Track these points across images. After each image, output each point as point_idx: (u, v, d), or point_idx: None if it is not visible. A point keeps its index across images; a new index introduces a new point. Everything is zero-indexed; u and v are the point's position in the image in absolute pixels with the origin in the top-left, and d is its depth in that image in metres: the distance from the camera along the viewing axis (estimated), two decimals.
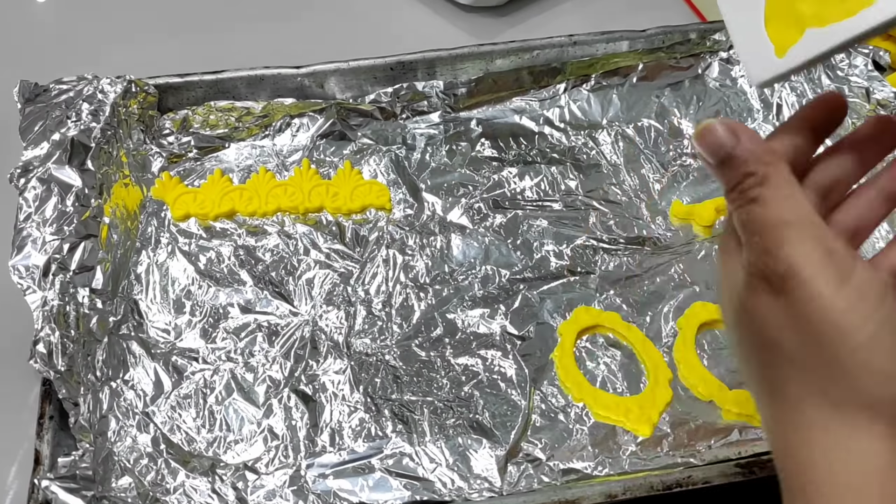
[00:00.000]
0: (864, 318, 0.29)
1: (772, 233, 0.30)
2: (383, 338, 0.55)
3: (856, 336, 0.29)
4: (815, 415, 0.30)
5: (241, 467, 0.50)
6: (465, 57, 0.67)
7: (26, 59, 0.76)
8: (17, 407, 0.55)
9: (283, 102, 0.66)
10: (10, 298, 0.55)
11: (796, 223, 0.30)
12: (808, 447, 0.31)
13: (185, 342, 0.56)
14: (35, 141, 0.59)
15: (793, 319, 0.30)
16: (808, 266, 0.29)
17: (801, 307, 0.30)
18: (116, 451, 0.50)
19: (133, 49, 0.76)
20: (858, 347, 0.29)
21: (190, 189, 0.64)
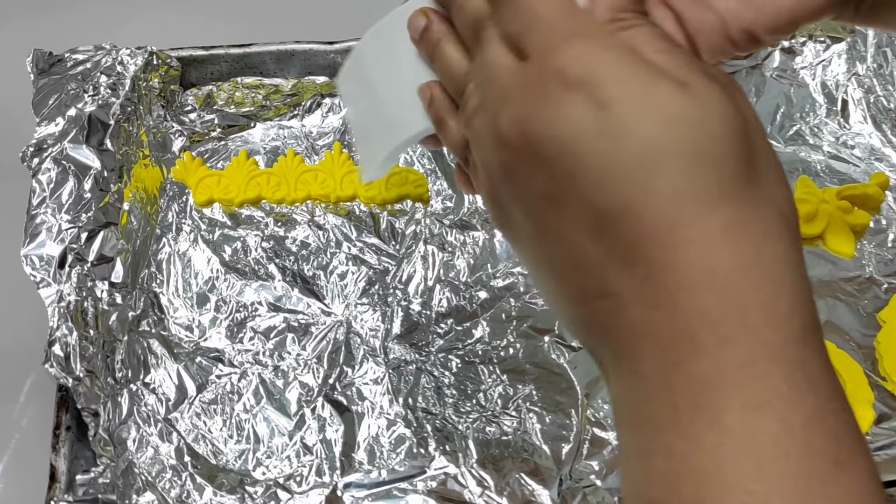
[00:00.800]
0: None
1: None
2: (423, 343, 0.51)
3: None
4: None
5: (272, 485, 0.46)
6: None
7: (39, 25, 0.71)
8: (29, 414, 0.51)
9: (315, 81, 0.62)
10: (22, 293, 0.51)
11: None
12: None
13: (209, 342, 0.52)
14: (49, 116, 0.55)
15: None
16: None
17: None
18: (137, 462, 0.47)
19: (154, 17, 0.71)
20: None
21: (213, 172, 0.60)
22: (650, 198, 0.25)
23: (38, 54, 0.57)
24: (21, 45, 0.60)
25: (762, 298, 0.24)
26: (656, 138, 0.25)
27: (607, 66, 0.26)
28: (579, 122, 0.26)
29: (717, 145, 0.25)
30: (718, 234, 0.25)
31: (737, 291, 0.24)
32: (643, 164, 0.25)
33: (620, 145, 0.25)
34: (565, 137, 0.26)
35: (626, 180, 0.25)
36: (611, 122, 0.25)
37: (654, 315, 0.25)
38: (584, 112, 0.26)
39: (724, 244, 0.25)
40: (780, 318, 0.24)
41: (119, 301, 0.52)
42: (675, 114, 0.25)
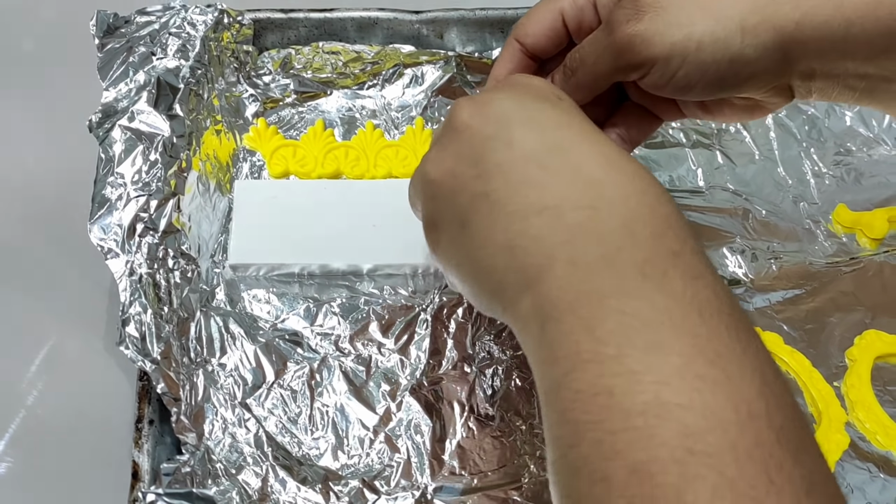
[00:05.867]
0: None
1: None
2: (514, 340, 0.49)
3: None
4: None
5: (358, 484, 0.44)
6: None
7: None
8: (103, 401, 0.49)
9: (400, 49, 0.58)
10: (90, 258, 0.49)
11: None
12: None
13: (287, 323, 0.49)
14: (116, 81, 0.52)
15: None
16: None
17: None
18: (215, 449, 0.44)
19: None
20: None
21: (289, 142, 0.56)
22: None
23: (101, 16, 0.54)
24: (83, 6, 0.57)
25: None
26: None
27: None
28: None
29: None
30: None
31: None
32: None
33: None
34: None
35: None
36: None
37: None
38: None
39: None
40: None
41: (189, 274, 0.49)
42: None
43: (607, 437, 0.26)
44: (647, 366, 0.26)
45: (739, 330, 0.28)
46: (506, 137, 0.33)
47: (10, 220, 0.55)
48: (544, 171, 0.32)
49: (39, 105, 0.61)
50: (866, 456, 0.45)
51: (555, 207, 0.31)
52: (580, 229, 0.30)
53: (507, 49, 0.42)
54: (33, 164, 0.58)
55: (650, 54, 0.36)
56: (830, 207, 0.54)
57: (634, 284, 0.28)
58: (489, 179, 0.33)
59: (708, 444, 0.25)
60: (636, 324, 0.27)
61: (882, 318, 0.50)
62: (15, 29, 0.64)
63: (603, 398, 0.26)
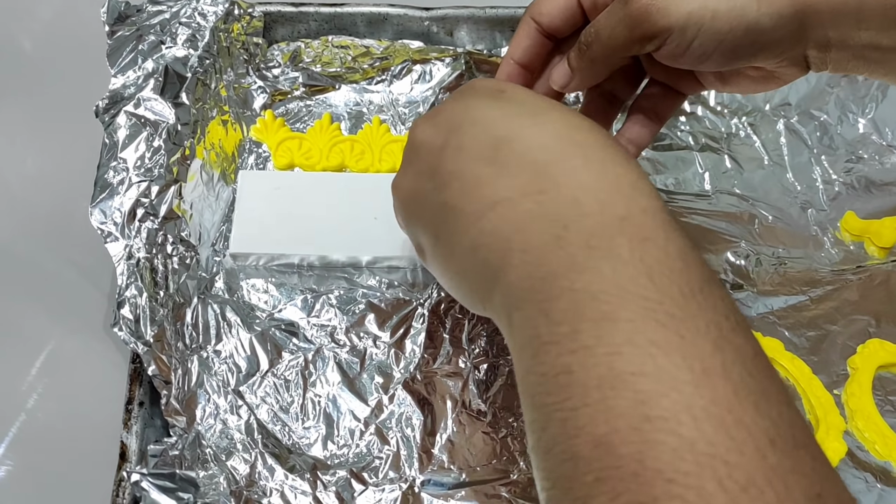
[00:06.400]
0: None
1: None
2: None
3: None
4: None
5: (346, 474, 0.43)
6: None
7: None
8: (103, 404, 0.48)
9: (409, 45, 0.58)
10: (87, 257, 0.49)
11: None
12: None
13: (284, 313, 0.49)
14: (124, 68, 0.52)
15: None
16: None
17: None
18: (206, 434, 0.44)
19: None
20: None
21: (295, 134, 0.57)
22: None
23: (112, 4, 0.54)
24: (82, 5, 0.58)
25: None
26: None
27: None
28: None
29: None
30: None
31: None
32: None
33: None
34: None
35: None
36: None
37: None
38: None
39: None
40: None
41: (188, 261, 0.49)
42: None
43: (570, 416, 0.26)
44: (599, 338, 0.26)
45: (693, 286, 0.27)
46: (455, 144, 0.33)
47: (9, 222, 0.56)
48: (493, 167, 0.32)
49: (37, 105, 0.61)
50: (864, 465, 0.44)
51: (506, 200, 0.31)
52: (530, 215, 0.30)
53: (523, 27, 0.42)
54: (31, 165, 0.58)
55: (666, 24, 0.35)
56: (839, 215, 0.54)
57: (582, 258, 0.28)
58: (446, 188, 0.33)
59: (664, 409, 0.24)
60: (585, 298, 0.27)
61: (886, 327, 0.49)
62: (13, 29, 0.65)
63: (563, 377, 0.26)
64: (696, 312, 0.27)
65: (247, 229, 0.51)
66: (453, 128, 0.34)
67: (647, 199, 0.30)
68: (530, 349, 0.28)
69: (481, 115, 0.34)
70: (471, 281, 0.33)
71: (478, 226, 0.32)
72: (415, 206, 0.36)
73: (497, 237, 0.31)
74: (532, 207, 0.30)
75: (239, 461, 0.44)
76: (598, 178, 0.30)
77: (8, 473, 0.47)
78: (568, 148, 0.31)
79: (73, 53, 0.59)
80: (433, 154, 0.34)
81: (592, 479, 0.24)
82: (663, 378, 0.25)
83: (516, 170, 0.31)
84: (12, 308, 0.52)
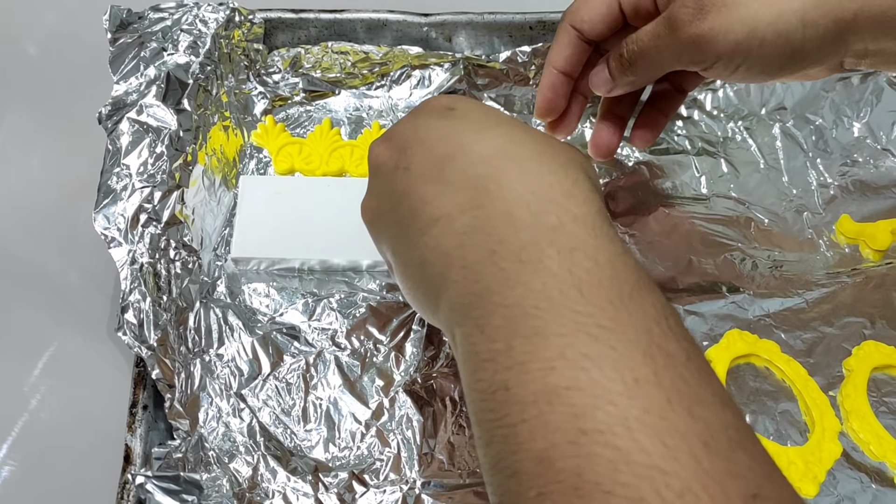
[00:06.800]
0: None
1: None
2: None
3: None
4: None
5: (348, 476, 0.44)
6: None
7: None
8: (106, 405, 0.49)
9: (408, 51, 0.59)
10: (91, 261, 0.50)
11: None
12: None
13: (285, 317, 0.50)
14: (126, 75, 0.53)
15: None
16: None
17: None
18: (208, 437, 0.45)
19: None
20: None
21: (295, 139, 0.57)
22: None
23: (114, 11, 0.55)
24: (91, 3, 0.58)
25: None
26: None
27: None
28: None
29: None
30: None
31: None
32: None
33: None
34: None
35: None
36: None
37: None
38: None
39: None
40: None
41: (192, 266, 0.50)
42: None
43: (510, 432, 0.26)
44: (532, 354, 0.26)
45: (623, 295, 0.27)
46: (404, 164, 0.34)
47: (14, 225, 0.56)
48: (438, 185, 0.32)
49: (42, 109, 0.61)
50: (859, 466, 0.45)
51: (447, 216, 0.31)
52: (469, 231, 0.31)
53: (563, 35, 0.43)
54: (37, 169, 0.59)
55: (714, 54, 0.37)
56: (834, 218, 0.54)
57: (513, 273, 0.28)
58: (398, 207, 0.34)
59: (598, 422, 0.24)
60: (518, 314, 0.27)
61: (881, 329, 0.49)
62: (18, 33, 0.65)
63: (501, 394, 0.27)
64: (627, 321, 0.27)
65: (248, 234, 0.51)
66: (403, 148, 0.35)
67: (580, 206, 0.30)
68: (471, 366, 0.29)
69: (428, 135, 0.34)
70: (422, 296, 0.34)
71: (422, 242, 0.32)
72: (377, 225, 0.37)
73: (439, 253, 0.31)
74: (470, 223, 0.31)
75: (241, 463, 0.44)
76: (531, 189, 0.30)
77: (11, 474, 0.47)
78: (505, 162, 0.32)
79: (79, 59, 0.60)
80: (387, 175, 0.35)
81: (535, 494, 0.25)
82: (596, 391, 0.25)
83: (458, 186, 0.32)
84: (16, 310, 0.53)
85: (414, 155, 0.34)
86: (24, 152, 0.60)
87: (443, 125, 0.35)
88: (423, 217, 0.32)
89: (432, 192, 0.32)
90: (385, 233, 0.36)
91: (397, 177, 0.34)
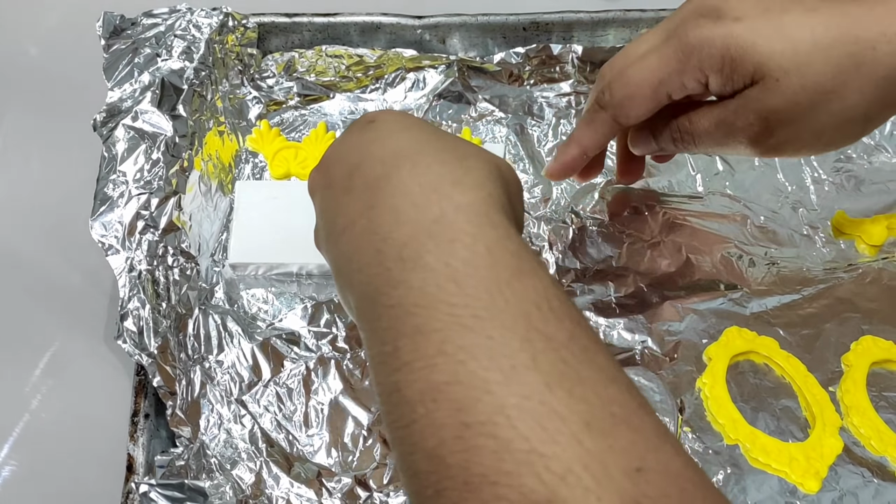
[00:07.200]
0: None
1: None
2: None
3: None
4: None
5: (351, 481, 0.44)
6: (608, 22, 0.59)
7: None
8: (106, 405, 0.49)
9: (402, 54, 0.59)
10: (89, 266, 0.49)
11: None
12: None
13: (284, 322, 0.50)
14: (121, 82, 0.52)
15: None
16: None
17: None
18: (210, 444, 0.45)
19: None
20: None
21: (290, 143, 0.57)
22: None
23: (108, 17, 0.55)
24: (90, 7, 0.58)
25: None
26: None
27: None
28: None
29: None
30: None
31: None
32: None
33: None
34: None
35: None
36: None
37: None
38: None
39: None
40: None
41: (189, 272, 0.49)
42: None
43: (405, 433, 0.26)
44: (415, 353, 0.27)
45: (500, 282, 0.27)
46: (327, 182, 0.35)
47: (14, 229, 0.56)
48: (347, 194, 0.33)
49: (42, 112, 0.61)
50: (860, 461, 0.45)
51: (350, 223, 0.32)
52: (363, 233, 0.31)
53: (601, 125, 0.43)
54: (38, 172, 0.59)
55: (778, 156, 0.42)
56: (829, 214, 0.54)
57: (396, 272, 0.29)
58: (321, 223, 0.36)
59: (479, 413, 0.24)
60: (401, 314, 0.28)
61: (879, 324, 0.49)
62: (19, 35, 0.65)
63: (395, 396, 0.27)
64: (504, 308, 0.27)
65: (245, 239, 0.51)
66: (327, 167, 0.36)
67: (466, 193, 0.30)
68: (372, 369, 0.29)
69: (344, 149, 0.35)
70: (345, 307, 0.35)
71: (336, 251, 0.33)
72: (321, 247, 0.37)
73: (346, 260, 0.32)
74: (365, 224, 0.31)
75: (244, 470, 0.44)
76: (419, 182, 0.30)
77: (12, 475, 0.47)
78: (400, 160, 0.32)
79: (79, 65, 0.59)
80: (317, 197, 0.37)
81: (432, 492, 0.25)
82: (475, 383, 0.25)
83: (359, 191, 0.32)
84: (16, 314, 0.52)
85: (332, 172, 0.35)
86: (26, 154, 0.59)
87: (357, 138, 0.35)
88: (336, 227, 0.33)
89: (344, 201, 0.33)
90: (325, 254, 0.36)
91: (324, 196, 0.35)
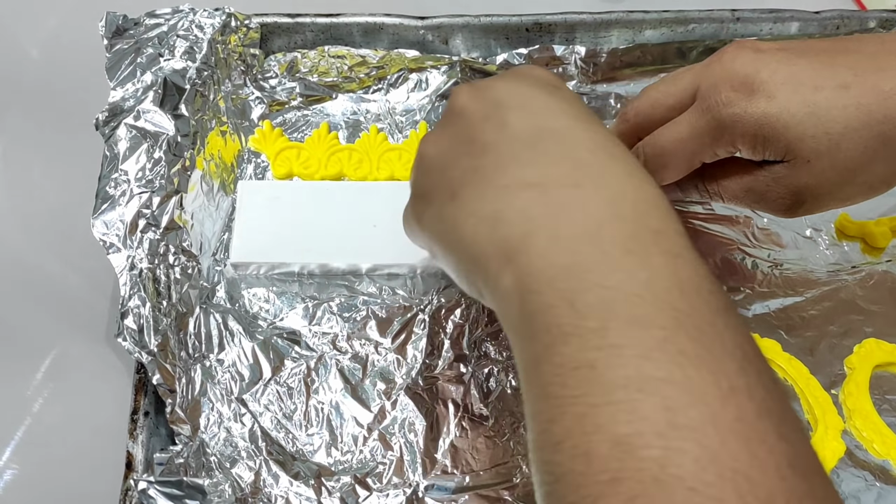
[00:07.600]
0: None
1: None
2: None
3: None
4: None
5: (351, 480, 0.44)
6: (611, 23, 0.59)
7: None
8: (108, 408, 0.49)
9: (405, 54, 0.59)
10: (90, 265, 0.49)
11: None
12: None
13: (285, 321, 0.50)
14: (123, 81, 0.52)
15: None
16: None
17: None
18: (210, 442, 0.45)
19: None
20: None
21: (293, 144, 0.57)
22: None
23: (110, 17, 0.55)
24: (91, 8, 0.58)
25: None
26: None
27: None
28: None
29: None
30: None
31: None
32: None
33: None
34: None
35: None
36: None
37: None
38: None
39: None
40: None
41: (190, 271, 0.49)
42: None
43: (589, 411, 0.25)
44: (629, 339, 0.26)
45: (719, 308, 0.28)
46: (499, 119, 0.34)
47: (15, 229, 0.56)
48: (533, 151, 0.32)
49: (44, 113, 0.61)
50: (863, 464, 0.45)
51: (539, 185, 0.31)
52: (563, 205, 0.30)
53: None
54: (38, 173, 0.59)
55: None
56: (833, 216, 0.54)
57: (616, 259, 0.28)
58: (481, 156, 0.33)
59: (690, 418, 0.24)
60: (618, 297, 0.27)
61: (882, 327, 0.49)
62: (20, 36, 0.65)
63: (585, 372, 0.26)
64: (724, 331, 0.27)
65: (247, 239, 0.51)
66: (500, 104, 0.34)
67: (676, 221, 0.31)
68: (547, 337, 0.28)
69: (532, 102, 0.34)
70: (478, 249, 0.32)
71: (505, 199, 0.31)
72: (440, 162, 0.36)
73: (523, 216, 0.31)
74: (566, 198, 0.30)
75: (244, 469, 0.44)
76: (635, 190, 0.31)
77: (14, 477, 0.47)
78: (608, 159, 0.32)
79: (79, 66, 0.60)
80: (473, 122, 0.35)
81: (608, 478, 0.24)
82: (691, 388, 0.25)
83: (555, 160, 0.32)
84: (17, 314, 0.52)
85: (512, 114, 0.34)
86: (27, 155, 0.59)
87: (549, 100, 0.34)
88: (511, 175, 0.32)
89: (527, 156, 0.32)
90: (448, 172, 0.35)
91: (487, 128, 0.34)
